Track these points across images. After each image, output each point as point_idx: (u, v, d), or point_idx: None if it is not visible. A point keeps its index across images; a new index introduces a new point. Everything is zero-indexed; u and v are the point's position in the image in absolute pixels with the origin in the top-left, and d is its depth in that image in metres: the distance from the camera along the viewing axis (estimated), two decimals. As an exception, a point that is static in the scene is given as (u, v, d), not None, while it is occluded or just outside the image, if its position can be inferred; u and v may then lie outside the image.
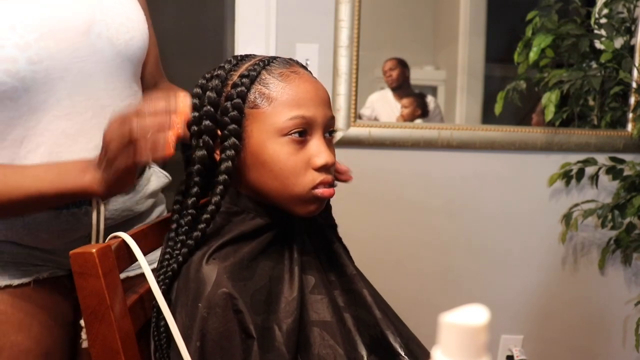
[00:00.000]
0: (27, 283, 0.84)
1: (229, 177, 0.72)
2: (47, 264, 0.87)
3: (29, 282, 0.84)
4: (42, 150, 0.79)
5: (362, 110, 1.68)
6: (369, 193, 1.70)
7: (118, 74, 0.84)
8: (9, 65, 0.72)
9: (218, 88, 0.73)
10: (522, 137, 1.72)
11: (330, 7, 1.61)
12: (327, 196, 0.73)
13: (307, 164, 0.72)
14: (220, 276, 0.67)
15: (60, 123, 0.79)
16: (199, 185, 0.73)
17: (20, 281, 0.84)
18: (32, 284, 0.85)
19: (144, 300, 0.78)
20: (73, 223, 0.84)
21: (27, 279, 0.84)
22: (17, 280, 0.83)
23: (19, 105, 0.75)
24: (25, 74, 0.74)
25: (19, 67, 0.73)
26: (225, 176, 0.71)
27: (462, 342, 0.31)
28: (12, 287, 0.83)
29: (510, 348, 1.81)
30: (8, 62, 0.72)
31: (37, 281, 0.85)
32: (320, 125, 0.73)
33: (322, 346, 0.70)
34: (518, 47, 1.63)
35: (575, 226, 1.71)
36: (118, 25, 0.83)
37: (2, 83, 0.72)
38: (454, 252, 1.77)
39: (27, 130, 0.77)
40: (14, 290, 0.83)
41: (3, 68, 0.72)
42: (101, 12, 0.81)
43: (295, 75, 0.73)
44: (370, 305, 0.77)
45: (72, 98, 0.79)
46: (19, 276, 0.84)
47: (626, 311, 1.84)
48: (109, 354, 0.68)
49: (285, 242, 0.77)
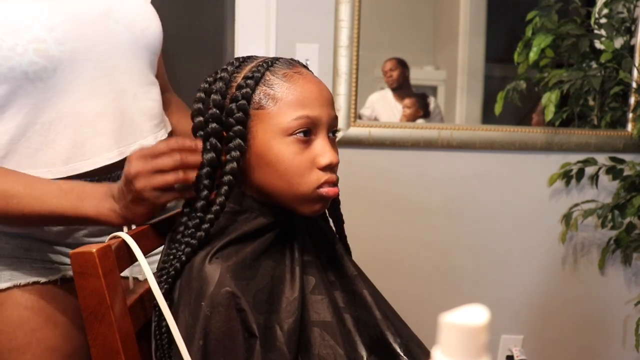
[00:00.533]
0: (54, 281, 0.86)
1: (234, 177, 0.72)
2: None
3: (56, 280, 0.86)
4: (69, 132, 0.82)
5: (362, 110, 1.68)
6: (369, 193, 1.70)
7: (136, 61, 0.89)
8: (39, 45, 0.77)
9: (222, 90, 0.73)
10: (522, 137, 1.72)
11: (330, 7, 1.61)
12: (332, 195, 0.74)
13: (312, 163, 0.72)
14: (223, 275, 0.67)
15: (85, 104, 0.82)
16: (209, 188, 0.73)
17: (47, 279, 0.85)
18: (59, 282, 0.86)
19: (144, 300, 0.78)
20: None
21: (54, 277, 0.86)
22: (44, 278, 0.85)
23: (48, 87, 0.79)
24: (54, 54, 0.78)
25: (47, 46, 0.77)
26: (230, 177, 0.71)
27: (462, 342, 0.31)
28: (39, 284, 0.84)
29: (510, 348, 1.81)
30: (38, 42, 0.76)
31: (64, 280, 0.87)
32: (325, 125, 0.74)
33: (322, 346, 0.70)
34: (518, 47, 1.63)
35: (575, 226, 1.71)
36: (134, 14, 0.88)
37: (33, 63, 0.76)
38: (454, 252, 1.77)
39: (56, 112, 0.81)
40: (41, 287, 0.85)
41: (33, 47, 0.76)
42: (117, 2, 0.87)
43: (299, 76, 0.73)
44: (371, 306, 0.77)
45: (94, 81, 0.83)
46: (47, 274, 0.85)
47: (626, 311, 1.84)
48: (109, 354, 0.68)
49: (287, 242, 0.77)
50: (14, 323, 0.81)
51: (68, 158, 0.82)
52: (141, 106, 0.89)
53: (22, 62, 0.76)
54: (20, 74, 0.76)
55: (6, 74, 0.76)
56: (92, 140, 0.83)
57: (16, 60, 0.76)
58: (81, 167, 0.83)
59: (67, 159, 0.82)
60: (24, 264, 0.84)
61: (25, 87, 0.78)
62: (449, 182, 1.74)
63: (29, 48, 0.76)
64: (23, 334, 0.81)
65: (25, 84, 0.77)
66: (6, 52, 0.75)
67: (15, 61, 0.75)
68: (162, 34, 0.94)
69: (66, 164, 0.82)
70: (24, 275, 0.83)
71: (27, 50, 0.76)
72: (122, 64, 0.86)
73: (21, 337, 0.81)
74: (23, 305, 0.82)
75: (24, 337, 0.81)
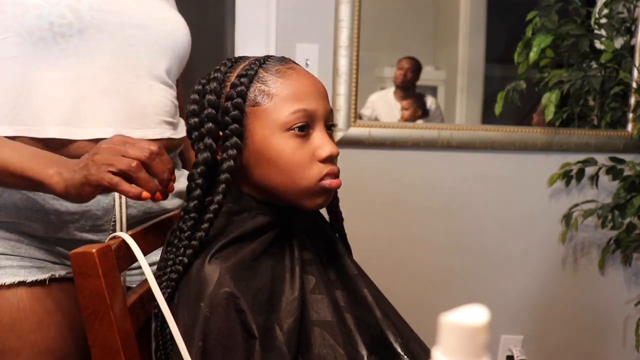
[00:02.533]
0: (43, 281, 0.84)
1: (231, 176, 0.72)
2: (64, 262, 0.87)
3: (45, 279, 0.84)
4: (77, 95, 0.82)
5: (362, 110, 1.68)
6: (368, 193, 1.70)
7: (159, 57, 0.90)
8: (73, 2, 0.79)
9: (217, 90, 0.73)
10: (522, 137, 1.72)
11: (330, 7, 1.61)
12: (335, 187, 0.74)
13: (312, 156, 0.72)
14: (223, 276, 0.67)
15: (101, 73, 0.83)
16: (202, 187, 0.73)
17: (35, 278, 0.83)
18: (48, 282, 0.84)
19: (144, 300, 0.78)
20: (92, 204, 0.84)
21: (42, 276, 0.84)
22: (33, 277, 0.83)
23: (68, 46, 0.80)
24: (85, 15, 0.80)
25: (80, 6, 0.79)
26: (227, 175, 0.72)
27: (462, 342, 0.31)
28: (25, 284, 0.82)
29: (510, 348, 1.81)
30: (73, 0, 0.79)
31: (55, 280, 0.85)
32: (321, 118, 0.74)
33: (322, 346, 0.70)
34: (518, 47, 1.63)
35: (575, 226, 1.71)
36: (167, 15, 0.92)
37: (62, 16, 0.78)
38: (454, 251, 1.77)
39: (70, 71, 0.81)
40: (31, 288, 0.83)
41: (67, 3, 0.78)
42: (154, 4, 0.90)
43: (292, 71, 0.74)
44: (371, 305, 0.77)
45: (114, 57, 0.84)
46: (35, 273, 0.83)
47: (626, 311, 1.84)
48: (109, 354, 0.68)
49: (287, 241, 0.77)
50: (6, 325, 0.80)
51: (65, 120, 0.81)
52: (156, 98, 0.89)
53: (51, 12, 0.77)
54: (46, 24, 0.77)
55: (32, 21, 0.77)
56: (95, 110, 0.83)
57: (46, 9, 0.77)
58: (75, 133, 0.81)
59: (64, 121, 0.81)
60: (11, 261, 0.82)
61: (46, 40, 0.78)
62: (449, 182, 1.74)
63: (62, 1, 0.78)
64: (16, 337, 0.80)
65: (47, 35, 0.78)
66: (39, 0, 0.76)
67: (45, 10, 0.77)
68: (190, 44, 0.97)
69: (60, 125, 0.80)
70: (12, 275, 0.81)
71: (60, 2, 0.77)
72: (145, 55, 0.87)
73: (14, 340, 0.80)
74: (15, 307, 0.81)
75: (17, 340, 0.80)
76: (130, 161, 0.70)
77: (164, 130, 0.91)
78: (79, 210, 0.84)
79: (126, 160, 0.70)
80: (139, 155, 0.70)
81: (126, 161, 0.70)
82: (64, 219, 0.84)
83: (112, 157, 0.70)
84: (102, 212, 0.85)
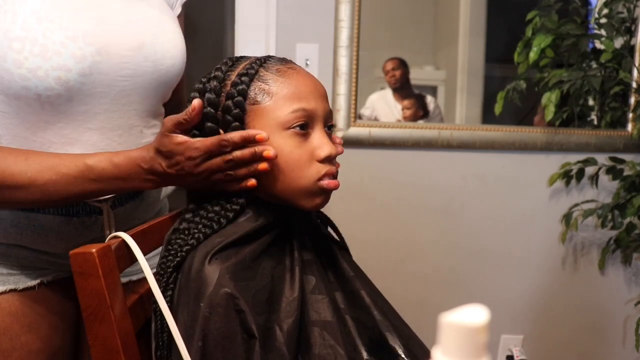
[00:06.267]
0: (33, 287, 0.85)
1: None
2: (51, 267, 0.88)
3: (34, 285, 0.85)
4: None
5: (362, 110, 1.68)
6: (368, 193, 1.70)
7: (152, 97, 0.86)
8: (62, 73, 0.73)
9: (217, 89, 0.73)
10: (522, 137, 1.72)
11: (330, 7, 1.61)
12: (333, 187, 0.74)
13: (311, 156, 0.73)
14: (222, 276, 0.67)
15: (92, 136, 0.80)
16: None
17: (26, 284, 0.85)
18: (38, 287, 0.86)
19: (144, 300, 0.78)
20: (82, 230, 0.85)
21: (32, 282, 0.85)
22: (23, 284, 0.84)
23: (57, 112, 0.76)
24: (74, 84, 0.75)
25: (70, 77, 0.74)
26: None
27: (462, 342, 0.31)
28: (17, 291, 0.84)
29: (510, 348, 1.81)
30: (62, 70, 0.73)
31: (43, 284, 0.86)
32: (321, 118, 0.74)
33: (322, 346, 0.70)
34: (518, 47, 1.63)
35: (575, 226, 1.71)
36: (164, 51, 0.85)
37: (49, 89, 0.73)
38: (454, 251, 1.77)
39: (59, 137, 0.78)
40: (22, 293, 0.84)
41: (55, 75, 0.73)
42: (151, 37, 0.83)
43: (292, 71, 0.74)
44: (369, 307, 0.77)
45: (108, 114, 0.81)
46: (25, 280, 0.85)
47: (626, 311, 1.84)
48: (109, 354, 0.68)
49: (287, 242, 0.77)
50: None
51: None
52: (145, 142, 0.87)
53: (38, 86, 0.73)
54: (32, 95, 0.73)
55: (18, 91, 0.73)
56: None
57: (33, 82, 0.72)
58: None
59: None
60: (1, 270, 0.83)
61: (33, 107, 0.75)
62: (449, 182, 1.74)
63: (51, 74, 0.73)
64: (7, 340, 0.82)
65: (34, 103, 0.75)
66: (26, 72, 0.72)
67: (31, 83, 0.72)
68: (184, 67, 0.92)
69: None
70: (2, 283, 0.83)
71: (48, 76, 0.73)
72: (138, 100, 0.84)
73: (5, 343, 0.82)
74: (7, 311, 0.82)
75: (8, 342, 0.82)
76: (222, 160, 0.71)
77: None
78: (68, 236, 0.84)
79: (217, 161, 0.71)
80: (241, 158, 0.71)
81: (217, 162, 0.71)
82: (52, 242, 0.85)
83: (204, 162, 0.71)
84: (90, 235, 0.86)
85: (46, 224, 0.83)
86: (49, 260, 0.87)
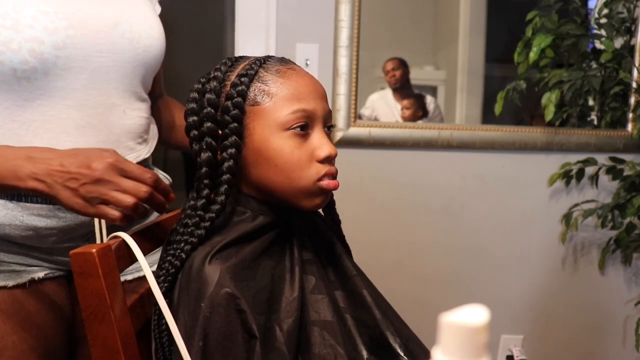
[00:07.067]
0: (24, 284, 0.84)
1: (232, 175, 0.72)
2: (42, 264, 0.87)
3: (25, 282, 0.84)
4: (49, 137, 0.79)
5: (362, 110, 1.68)
6: (368, 193, 1.70)
7: (132, 77, 0.87)
8: (35, 45, 0.75)
9: (217, 89, 0.73)
10: (522, 137, 1.72)
11: (330, 7, 1.61)
12: (332, 188, 0.74)
13: (310, 156, 0.73)
14: (223, 276, 0.67)
15: (72, 113, 0.80)
16: (209, 187, 0.73)
17: (16, 282, 0.84)
18: (29, 285, 0.85)
19: (144, 300, 0.78)
20: (71, 219, 0.84)
21: (22, 280, 0.84)
22: (13, 281, 0.83)
23: (34, 88, 0.77)
24: (48, 57, 0.76)
25: (43, 49, 0.75)
26: (228, 175, 0.72)
27: (462, 342, 0.31)
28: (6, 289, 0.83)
29: (510, 348, 1.81)
30: (34, 42, 0.75)
31: (34, 281, 0.85)
32: (320, 118, 0.74)
33: (322, 346, 0.70)
34: (518, 47, 1.63)
35: (575, 226, 1.71)
36: (141, 30, 0.87)
37: (24, 62, 0.75)
38: (454, 251, 1.77)
39: (39, 114, 0.78)
40: (12, 291, 0.83)
41: (29, 47, 0.74)
42: (126, 16, 0.85)
43: (292, 71, 0.74)
44: (370, 306, 0.77)
45: (86, 91, 0.81)
46: (15, 277, 0.84)
47: (626, 311, 1.84)
48: (109, 354, 0.68)
49: (287, 241, 0.77)
50: None
51: None
52: (129, 123, 0.88)
53: (13, 59, 0.74)
54: (8, 70, 0.74)
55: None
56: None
57: (7, 55, 0.73)
58: None
59: None
60: None
61: (10, 83, 0.76)
62: (449, 182, 1.74)
63: (24, 46, 0.74)
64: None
65: (10, 79, 0.75)
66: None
67: (5, 56, 0.73)
68: (164, 53, 0.93)
69: None
70: None
71: (21, 48, 0.74)
72: (117, 78, 0.84)
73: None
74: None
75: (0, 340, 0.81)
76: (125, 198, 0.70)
77: (139, 154, 0.91)
78: (57, 225, 0.83)
79: (120, 197, 0.70)
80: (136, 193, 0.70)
81: (121, 198, 0.70)
82: (42, 234, 0.84)
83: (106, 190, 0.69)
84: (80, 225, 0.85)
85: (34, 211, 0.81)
86: (39, 257, 0.86)
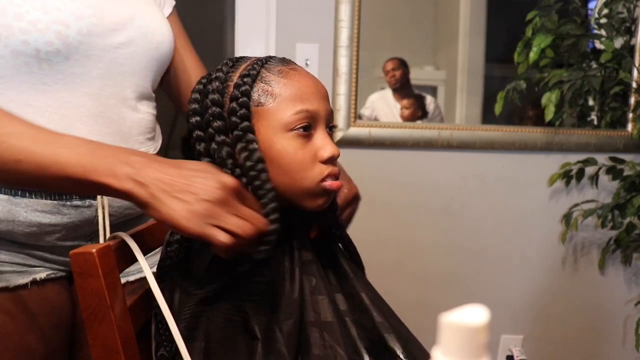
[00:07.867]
0: (25, 284, 0.84)
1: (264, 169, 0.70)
2: (44, 264, 0.87)
3: (27, 283, 0.84)
4: (63, 123, 0.79)
5: (362, 110, 1.68)
6: (368, 193, 1.69)
7: (145, 72, 0.89)
8: (62, 28, 0.76)
9: (220, 89, 0.73)
10: (522, 137, 1.72)
11: (330, 7, 1.61)
12: (335, 188, 0.74)
13: (314, 157, 0.72)
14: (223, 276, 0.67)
15: (87, 101, 0.81)
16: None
17: (18, 283, 0.83)
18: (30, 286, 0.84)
19: (144, 300, 0.78)
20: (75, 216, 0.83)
21: (24, 280, 0.84)
22: (14, 282, 0.83)
23: (54, 72, 0.78)
24: (72, 42, 0.77)
25: (69, 32, 0.77)
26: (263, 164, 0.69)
27: (462, 342, 0.31)
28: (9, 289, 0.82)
29: (510, 348, 1.81)
30: (61, 25, 0.76)
31: (36, 282, 0.85)
32: (323, 119, 0.74)
33: (322, 347, 0.70)
34: (518, 47, 1.63)
35: (575, 226, 1.71)
36: (155, 27, 0.89)
37: (49, 43, 0.76)
38: (454, 252, 1.77)
39: (55, 100, 0.79)
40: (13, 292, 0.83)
41: (55, 29, 0.76)
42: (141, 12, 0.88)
43: (294, 72, 0.74)
44: (369, 308, 0.77)
45: (102, 80, 0.82)
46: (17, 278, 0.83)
47: (626, 311, 1.84)
48: (109, 354, 0.68)
49: (287, 243, 0.77)
50: None
51: None
52: (139, 117, 0.88)
53: (38, 39, 0.75)
54: (32, 50, 0.75)
55: (17, 47, 0.74)
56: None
57: (33, 35, 0.74)
58: None
59: None
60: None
61: (31, 65, 0.76)
62: (449, 182, 1.74)
63: (51, 28, 0.75)
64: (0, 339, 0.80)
65: (32, 61, 0.76)
66: (26, 25, 0.73)
67: (31, 36, 0.74)
68: (172, 53, 0.95)
69: None
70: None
71: (48, 28, 0.75)
72: (131, 72, 0.86)
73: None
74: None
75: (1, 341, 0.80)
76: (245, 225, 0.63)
77: (148, 149, 0.91)
78: (61, 222, 0.83)
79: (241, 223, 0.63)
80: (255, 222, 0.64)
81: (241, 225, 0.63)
82: (46, 230, 0.83)
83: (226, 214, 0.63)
84: (84, 222, 0.85)
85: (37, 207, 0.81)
86: (43, 257, 0.86)
